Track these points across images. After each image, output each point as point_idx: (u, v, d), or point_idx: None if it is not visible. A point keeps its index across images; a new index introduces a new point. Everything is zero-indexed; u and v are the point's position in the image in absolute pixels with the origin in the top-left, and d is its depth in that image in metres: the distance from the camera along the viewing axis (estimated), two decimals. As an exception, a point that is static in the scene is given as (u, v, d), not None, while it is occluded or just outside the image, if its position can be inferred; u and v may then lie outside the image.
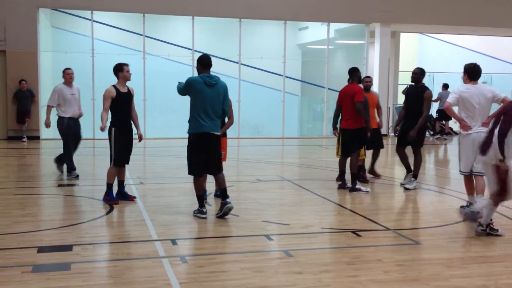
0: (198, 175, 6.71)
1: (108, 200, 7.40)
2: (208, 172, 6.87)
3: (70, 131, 9.45)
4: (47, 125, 9.75)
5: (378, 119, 9.83)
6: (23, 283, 4.42)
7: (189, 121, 6.62)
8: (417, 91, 8.73)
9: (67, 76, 9.66)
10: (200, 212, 6.71)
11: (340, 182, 8.85)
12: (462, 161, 7.07)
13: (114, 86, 7.48)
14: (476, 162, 6.82)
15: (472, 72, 7.14)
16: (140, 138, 7.83)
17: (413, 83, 8.90)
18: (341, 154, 8.89)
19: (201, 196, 6.74)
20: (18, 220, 6.50)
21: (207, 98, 6.50)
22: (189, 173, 6.73)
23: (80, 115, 9.70)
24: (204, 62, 6.65)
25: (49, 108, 9.69)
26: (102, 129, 7.50)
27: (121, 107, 7.44)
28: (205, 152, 6.59)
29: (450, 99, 7.09)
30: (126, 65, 7.60)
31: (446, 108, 7.13)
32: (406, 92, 9.08)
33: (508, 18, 19.77)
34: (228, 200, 6.69)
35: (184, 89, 6.63)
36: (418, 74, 8.80)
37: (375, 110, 9.72)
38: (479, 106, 6.93)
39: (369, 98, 9.50)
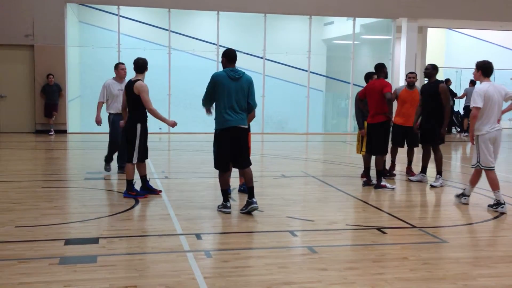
0: (224, 170, 6.72)
1: (134, 195, 7.43)
2: (237, 166, 6.85)
3: (115, 128, 9.01)
4: (97, 122, 9.34)
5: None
6: (50, 274, 4.49)
7: (216, 117, 6.61)
8: (431, 87, 8.66)
9: (121, 71, 9.12)
10: (224, 207, 6.72)
11: (365, 179, 8.78)
12: (486, 157, 7.00)
13: (141, 80, 7.46)
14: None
15: (487, 69, 7.08)
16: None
17: (426, 79, 8.85)
18: (365, 151, 8.81)
19: (225, 191, 6.75)
20: (46, 213, 6.61)
21: (232, 92, 6.49)
22: (216, 167, 6.74)
23: None
24: (229, 56, 6.64)
25: (99, 104, 9.31)
26: (174, 124, 7.48)
27: (141, 102, 7.38)
28: (233, 146, 6.60)
29: (478, 102, 6.86)
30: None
31: (473, 117, 6.96)
32: (421, 89, 8.97)
33: (539, 13, 19.33)
34: (254, 200, 6.68)
35: (210, 86, 6.57)
36: (430, 69, 8.76)
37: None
38: (498, 104, 6.97)
39: (411, 94, 9.37)
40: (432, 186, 8.66)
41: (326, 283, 4.42)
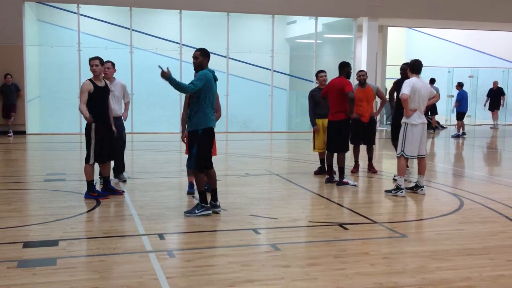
0: (202, 170, 6.64)
1: (95, 196, 7.32)
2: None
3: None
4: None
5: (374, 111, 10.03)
6: (8, 278, 4.39)
7: (198, 116, 6.45)
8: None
9: (105, 69, 8.16)
10: (205, 209, 6.53)
11: (327, 176, 8.88)
12: (411, 147, 7.81)
13: (90, 79, 7.33)
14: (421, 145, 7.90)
15: (415, 66, 7.91)
16: (113, 133, 7.60)
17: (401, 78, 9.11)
18: (327, 149, 8.90)
19: (204, 192, 6.62)
20: (4, 215, 6.45)
21: (213, 93, 6.56)
22: (197, 167, 6.58)
23: (121, 115, 8.43)
24: (209, 56, 6.61)
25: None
26: (90, 120, 7.17)
27: (98, 102, 7.28)
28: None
29: (406, 90, 7.71)
30: (93, 59, 7.33)
31: (404, 100, 7.69)
32: (396, 84, 9.29)
33: (495, 13, 19.91)
34: (218, 203, 6.68)
35: (204, 84, 6.38)
36: (405, 69, 8.90)
37: (375, 104, 9.84)
38: (424, 98, 7.83)
39: (365, 92, 9.55)
40: (395, 180, 8.80)
41: (288, 280, 4.45)
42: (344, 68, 8.69)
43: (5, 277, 4.42)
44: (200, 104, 6.45)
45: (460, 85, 17.84)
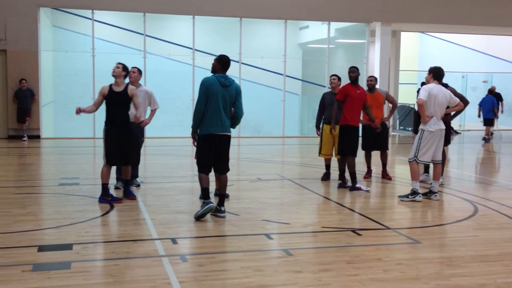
0: (206, 173, 6.69)
1: (109, 200, 7.38)
2: (216, 170, 6.82)
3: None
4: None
5: (385, 116, 9.94)
6: (23, 281, 4.43)
7: (203, 121, 6.52)
8: None
9: (130, 73, 8.24)
10: (205, 204, 6.55)
11: (340, 181, 8.85)
12: (425, 153, 7.82)
13: (111, 84, 7.50)
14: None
15: (439, 73, 7.92)
16: (129, 138, 7.61)
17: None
18: (339, 153, 8.87)
19: (205, 189, 6.62)
20: (19, 219, 6.51)
21: (220, 99, 6.49)
22: (198, 171, 6.68)
23: (138, 120, 8.02)
24: (224, 62, 6.63)
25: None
26: (77, 110, 7.48)
27: (111, 106, 7.42)
28: (216, 152, 6.60)
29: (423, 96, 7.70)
30: (118, 63, 7.59)
31: (420, 105, 7.69)
32: None
33: (508, 17, 19.76)
34: (223, 208, 6.69)
35: (202, 91, 6.46)
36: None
37: (385, 109, 9.73)
38: (441, 104, 7.82)
39: (374, 97, 9.50)
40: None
41: (301, 285, 4.44)
42: (349, 73, 8.72)
43: (20, 280, 4.46)
44: (206, 110, 6.49)
45: (490, 91, 17.83)
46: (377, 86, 9.82)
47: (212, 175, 6.82)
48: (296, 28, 19.59)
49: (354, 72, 8.74)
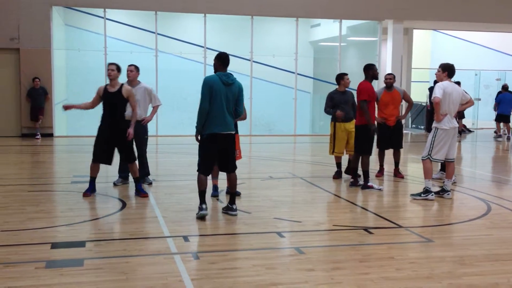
0: (207, 174, 6.69)
1: (88, 196, 7.66)
2: (224, 170, 6.82)
3: (137, 137, 8.28)
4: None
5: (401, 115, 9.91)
6: (36, 278, 4.47)
7: (207, 121, 6.51)
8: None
9: (128, 73, 8.38)
10: (199, 209, 6.53)
11: (352, 180, 8.82)
12: (439, 151, 7.77)
13: (106, 84, 7.76)
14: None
15: (452, 70, 7.84)
16: (129, 135, 7.65)
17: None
18: (356, 151, 8.83)
19: (202, 192, 6.58)
20: (32, 217, 6.57)
21: (223, 97, 6.44)
22: (198, 170, 6.67)
23: (142, 119, 8.33)
24: (224, 60, 6.56)
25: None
26: (64, 107, 8.08)
27: (105, 106, 7.68)
28: (220, 151, 6.58)
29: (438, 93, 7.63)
30: (110, 64, 7.69)
31: (436, 103, 7.62)
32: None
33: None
34: (234, 206, 6.69)
35: (205, 90, 6.41)
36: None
37: (401, 107, 9.68)
38: (455, 102, 7.77)
39: (392, 95, 9.43)
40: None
41: (313, 284, 4.44)
42: (367, 70, 8.62)
43: (34, 277, 4.50)
44: (209, 109, 6.45)
45: (504, 88, 17.67)
46: (394, 84, 9.74)
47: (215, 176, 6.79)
48: (307, 26, 19.53)
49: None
